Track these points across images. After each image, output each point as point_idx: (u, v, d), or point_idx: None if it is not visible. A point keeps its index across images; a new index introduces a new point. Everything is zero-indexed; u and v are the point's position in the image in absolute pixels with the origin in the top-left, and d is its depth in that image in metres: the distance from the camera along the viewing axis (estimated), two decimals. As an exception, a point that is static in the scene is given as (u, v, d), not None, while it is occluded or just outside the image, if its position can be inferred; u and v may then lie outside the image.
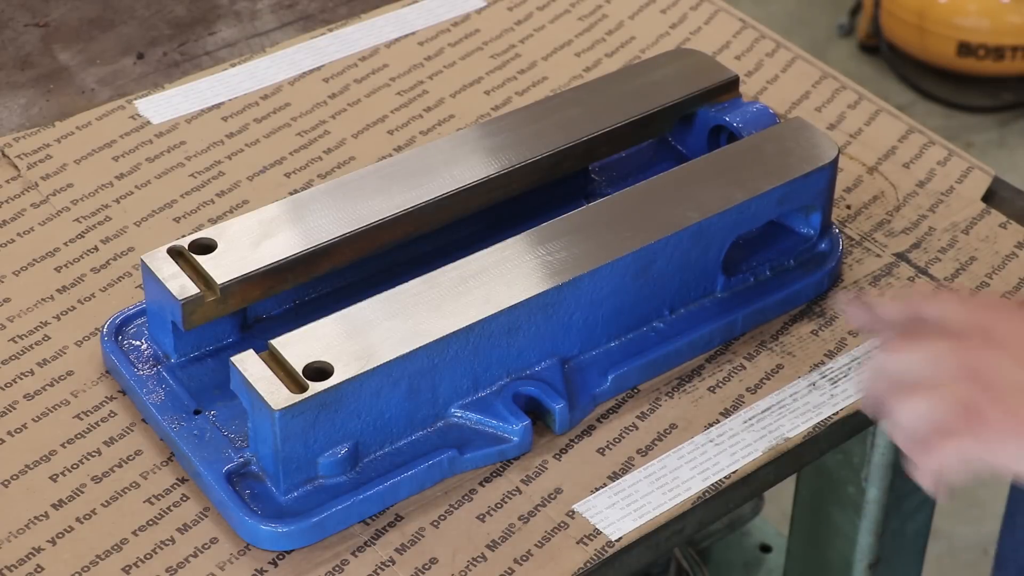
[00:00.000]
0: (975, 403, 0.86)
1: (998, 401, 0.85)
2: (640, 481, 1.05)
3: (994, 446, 0.85)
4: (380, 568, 0.99)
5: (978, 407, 0.86)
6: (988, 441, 0.86)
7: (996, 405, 0.85)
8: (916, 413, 0.88)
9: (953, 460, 0.87)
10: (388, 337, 1.01)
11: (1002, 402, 0.85)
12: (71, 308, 1.16)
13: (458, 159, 1.17)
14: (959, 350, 0.88)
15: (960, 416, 0.86)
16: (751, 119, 1.23)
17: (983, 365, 0.87)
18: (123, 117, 1.35)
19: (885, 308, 0.94)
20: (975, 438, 0.86)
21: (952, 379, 0.87)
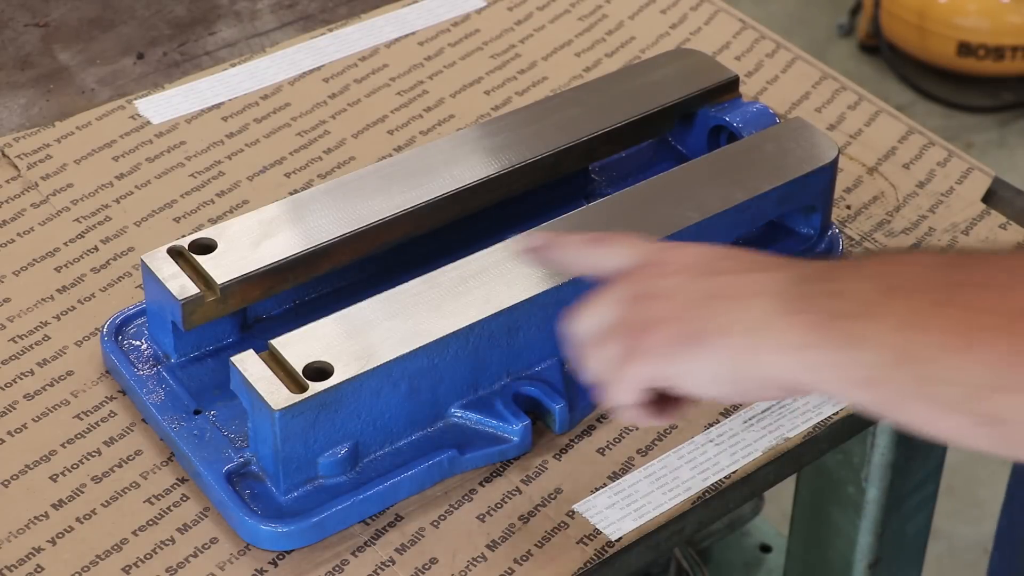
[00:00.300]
0: (645, 322, 0.85)
1: (669, 316, 0.85)
2: (640, 481, 1.05)
3: (669, 361, 0.84)
4: (380, 568, 0.99)
5: (647, 324, 0.85)
6: (662, 356, 0.84)
7: (667, 320, 0.85)
8: (596, 352, 0.88)
9: (635, 385, 0.86)
10: (388, 337, 1.01)
11: (673, 316, 0.85)
12: (71, 308, 1.16)
13: (458, 159, 1.17)
14: (631, 282, 0.88)
15: (633, 338, 0.86)
16: (751, 119, 1.23)
17: (654, 289, 0.87)
18: (123, 117, 1.35)
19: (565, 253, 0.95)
20: (648, 356, 0.85)
21: (626, 308, 0.87)
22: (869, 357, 0.78)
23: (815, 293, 0.81)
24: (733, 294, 0.84)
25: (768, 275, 0.84)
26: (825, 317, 0.79)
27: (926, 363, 0.76)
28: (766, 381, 0.83)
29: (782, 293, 0.82)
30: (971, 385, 0.74)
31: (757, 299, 0.82)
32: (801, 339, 0.80)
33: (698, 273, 0.86)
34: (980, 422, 0.75)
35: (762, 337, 0.81)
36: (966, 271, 0.77)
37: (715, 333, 0.83)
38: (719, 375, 0.83)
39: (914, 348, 0.76)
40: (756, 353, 0.82)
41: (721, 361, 0.83)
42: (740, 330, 0.82)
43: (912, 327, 0.76)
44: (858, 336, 0.78)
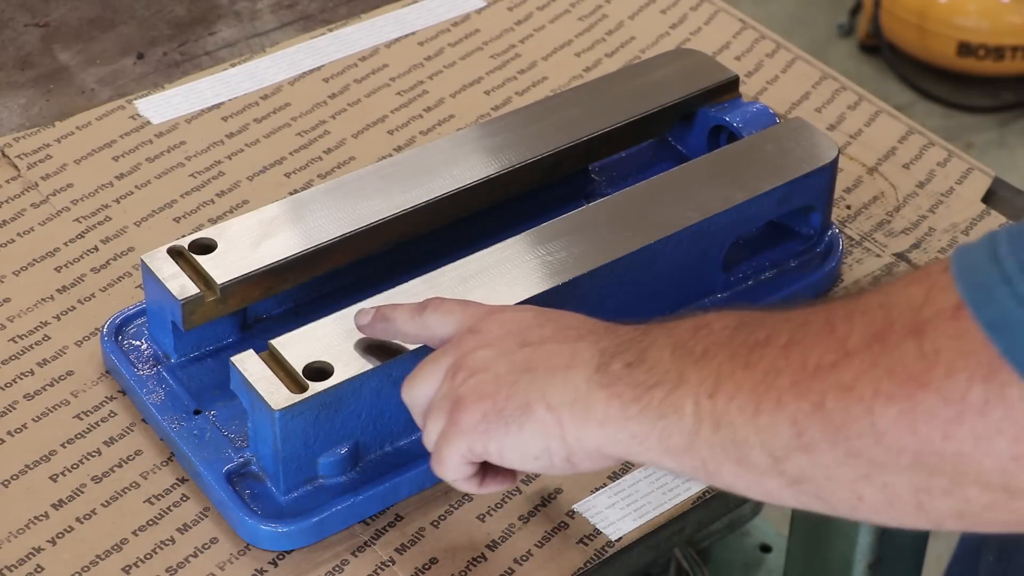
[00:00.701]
0: (460, 397, 0.87)
1: (484, 390, 0.86)
2: (640, 481, 1.05)
3: (486, 437, 0.86)
4: (380, 568, 0.99)
5: (461, 400, 0.87)
6: (478, 433, 0.86)
7: (481, 395, 0.86)
8: (423, 424, 0.91)
9: (454, 461, 0.88)
10: (388, 337, 1.01)
11: (488, 391, 0.86)
12: (71, 308, 1.16)
13: (458, 159, 1.17)
14: (449, 353, 0.90)
15: (449, 413, 0.88)
16: (751, 119, 1.23)
17: (470, 361, 0.88)
18: (123, 117, 1.35)
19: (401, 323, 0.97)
20: (463, 434, 0.87)
21: (445, 381, 0.89)
22: (684, 425, 0.78)
23: (623, 365, 0.82)
24: (549, 367, 0.85)
25: (582, 345, 0.85)
26: (638, 390, 0.80)
27: (735, 428, 0.76)
28: (594, 453, 0.84)
29: (596, 366, 0.83)
30: (773, 447, 0.75)
31: (573, 372, 0.84)
32: (618, 412, 0.81)
33: (513, 344, 0.87)
34: (787, 483, 0.76)
35: (581, 411, 0.83)
36: (765, 329, 0.77)
37: (536, 407, 0.84)
38: (549, 449, 0.84)
39: (723, 413, 0.77)
40: (579, 427, 0.83)
41: (549, 435, 0.84)
42: (560, 403, 0.83)
43: (720, 392, 0.77)
44: (671, 405, 0.79)
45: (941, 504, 0.71)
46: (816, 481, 0.74)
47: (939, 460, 0.70)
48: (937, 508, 0.72)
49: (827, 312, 0.75)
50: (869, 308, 0.73)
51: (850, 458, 0.72)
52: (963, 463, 0.69)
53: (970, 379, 0.68)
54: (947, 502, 0.71)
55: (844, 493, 0.74)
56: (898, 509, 0.73)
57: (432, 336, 0.95)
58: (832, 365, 0.73)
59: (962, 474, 0.70)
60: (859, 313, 0.74)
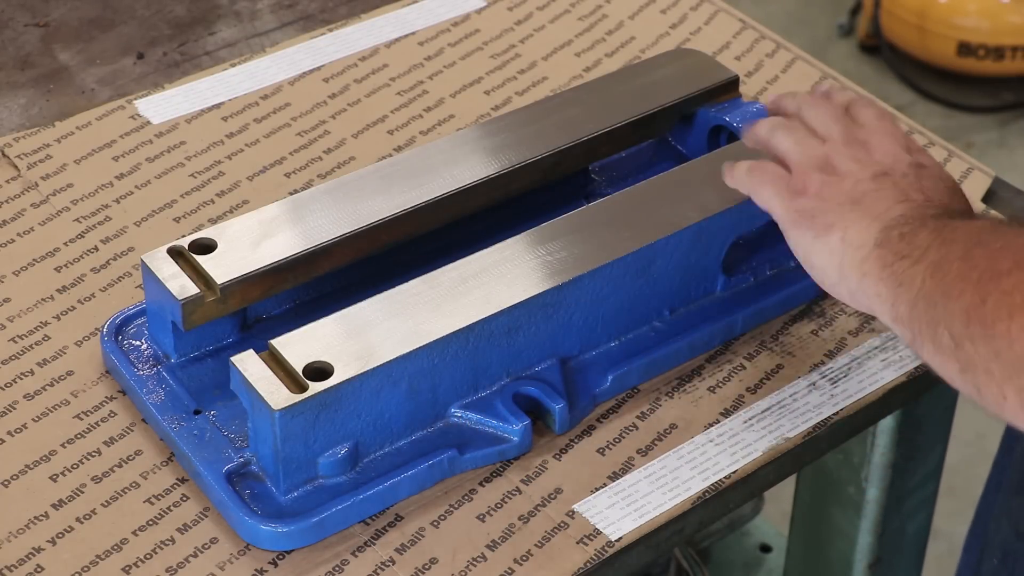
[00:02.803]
0: (805, 185, 0.99)
1: (824, 194, 0.98)
2: (640, 481, 1.05)
3: (794, 224, 0.99)
4: (380, 568, 0.99)
5: (805, 188, 0.99)
6: (795, 216, 0.99)
7: (820, 196, 0.98)
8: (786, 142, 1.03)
9: (764, 197, 1.02)
10: (388, 337, 1.01)
11: (825, 197, 0.98)
12: (71, 308, 1.16)
13: (458, 159, 1.17)
14: (836, 141, 1.01)
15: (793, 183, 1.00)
16: (751, 119, 1.22)
17: (836, 164, 1.00)
18: (123, 117, 1.35)
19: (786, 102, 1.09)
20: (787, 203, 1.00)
21: (808, 161, 1.01)
22: (910, 296, 0.90)
23: (899, 233, 0.93)
24: (868, 210, 0.96)
25: (900, 206, 0.96)
26: (894, 256, 0.92)
27: (936, 308, 0.87)
28: (850, 293, 0.96)
29: (888, 226, 0.94)
30: (953, 331, 0.85)
31: (876, 223, 0.95)
32: (876, 269, 0.93)
33: (873, 171, 0.99)
34: (960, 369, 0.86)
35: (859, 256, 0.95)
36: (999, 232, 0.88)
37: (835, 233, 0.96)
38: (825, 266, 0.97)
39: (933, 292, 0.88)
40: (851, 267, 0.95)
41: (830, 258, 0.97)
42: (851, 242, 0.95)
43: (937, 274, 0.88)
44: (908, 276, 0.91)
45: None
46: (976, 372, 0.84)
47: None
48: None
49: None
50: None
51: (995, 357, 0.82)
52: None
53: None
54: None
55: (994, 389, 0.83)
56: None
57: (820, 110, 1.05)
58: (1007, 272, 0.83)
59: None
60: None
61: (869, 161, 1.00)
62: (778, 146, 1.03)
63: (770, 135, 1.05)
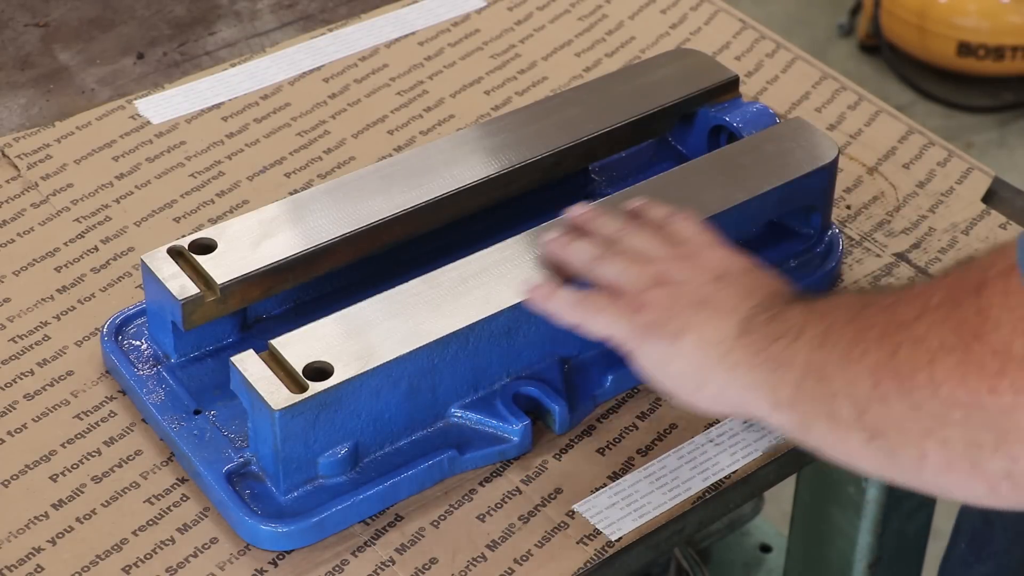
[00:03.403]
0: (642, 302, 0.95)
1: (664, 304, 0.95)
2: (640, 481, 1.05)
3: (642, 341, 0.95)
4: (380, 568, 0.99)
5: (644, 304, 0.95)
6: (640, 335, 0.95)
7: (660, 307, 0.95)
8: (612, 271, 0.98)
9: (604, 329, 0.97)
10: (388, 337, 1.01)
11: (666, 306, 0.94)
12: (71, 308, 1.16)
13: (458, 159, 1.17)
14: (661, 260, 0.98)
15: (629, 305, 0.96)
16: (751, 119, 1.23)
17: (671, 275, 0.96)
18: (123, 117, 1.35)
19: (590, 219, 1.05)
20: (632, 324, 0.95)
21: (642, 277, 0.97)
22: (792, 377, 0.86)
23: (766, 318, 0.90)
24: (717, 307, 0.93)
25: (751, 299, 0.93)
26: (766, 341, 0.88)
27: (830, 380, 0.82)
28: (716, 394, 0.92)
29: (747, 316, 0.91)
30: (856, 397, 0.80)
31: (730, 316, 0.92)
32: (747, 358, 0.89)
33: (710, 278, 0.95)
34: (867, 438, 0.80)
35: (721, 352, 0.91)
36: (882, 293, 0.84)
37: (689, 336, 0.92)
38: (684, 374, 0.93)
39: (824, 365, 0.84)
40: (714, 365, 0.91)
41: (688, 363, 0.92)
42: (708, 341, 0.91)
43: (825, 345, 0.84)
44: (787, 357, 0.86)
45: (992, 463, 0.75)
46: (888, 435, 0.79)
47: (985, 415, 0.74)
48: (989, 467, 0.76)
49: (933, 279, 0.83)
50: (955, 270, 0.81)
51: (914, 411, 0.77)
52: (1007, 419, 0.74)
53: (1012, 332, 0.74)
54: (997, 461, 0.75)
55: (911, 450, 0.78)
56: (956, 470, 0.77)
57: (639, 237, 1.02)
58: (914, 320, 0.79)
59: (1006, 430, 0.74)
60: (947, 275, 0.81)
61: (703, 269, 0.97)
62: (603, 276, 0.99)
63: (591, 267, 1.00)
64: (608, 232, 1.03)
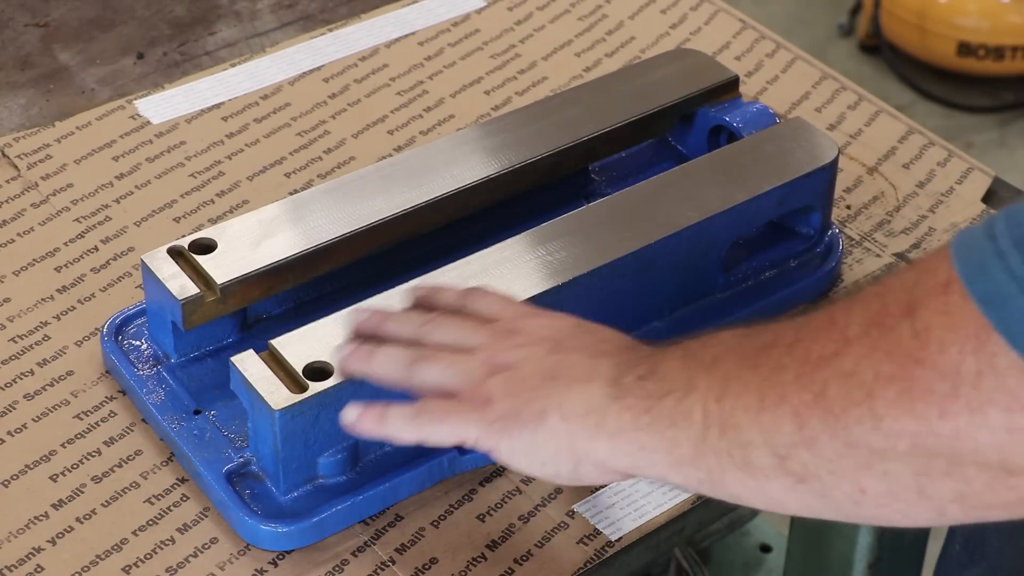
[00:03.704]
0: (488, 394, 0.88)
1: (509, 392, 0.87)
2: (640, 481, 1.05)
3: (503, 435, 0.87)
4: (380, 568, 0.99)
5: (489, 398, 0.87)
6: (498, 430, 0.87)
7: (506, 395, 0.87)
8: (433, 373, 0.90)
9: (458, 437, 0.89)
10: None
11: (512, 392, 0.87)
12: (71, 308, 1.16)
13: (458, 159, 1.17)
14: (484, 347, 0.90)
15: (475, 404, 0.88)
16: (751, 119, 1.23)
17: (503, 359, 0.89)
18: (123, 117, 1.35)
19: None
20: (483, 422, 0.87)
21: (476, 374, 0.89)
22: (693, 432, 0.80)
23: (636, 377, 0.83)
24: (571, 377, 0.86)
25: (604, 360, 0.86)
26: (649, 400, 0.82)
27: (741, 429, 0.77)
28: (600, 465, 0.85)
29: (612, 379, 0.84)
30: (776, 444, 0.76)
31: (591, 385, 0.85)
32: (630, 423, 0.82)
33: (545, 349, 0.88)
34: (792, 483, 0.76)
35: (594, 422, 0.84)
36: (771, 333, 0.79)
37: (552, 416, 0.85)
38: (557, 457, 0.86)
39: (730, 415, 0.78)
40: (590, 438, 0.84)
41: (559, 444, 0.85)
42: (574, 414, 0.84)
43: (727, 395, 0.78)
44: (681, 413, 0.80)
45: (941, 487, 0.72)
46: (819, 477, 0.75)
47: (936, 440, 0.71)
48: (938, 492, 0.72)
49: (829, 309, 0.77)
50: (866, 298, 0.75)
51: (850, 448, 0.73)
52: (960, 440, 0.70)
53: (961, 351, 0.69)
54: (947, 484, 0.72)
55: (847, 487, 0.74)
56: (900, 499, 0.73)
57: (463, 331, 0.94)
58: (834, 354, 0.74)
59: (959, 453, 0.70)
60: (857, 304, 0.75)
61: (532, 341, 0.89)
62: (427, 381, 0.91)
63: (410, 375, 0.91)
64: (407, 333, 0.94)
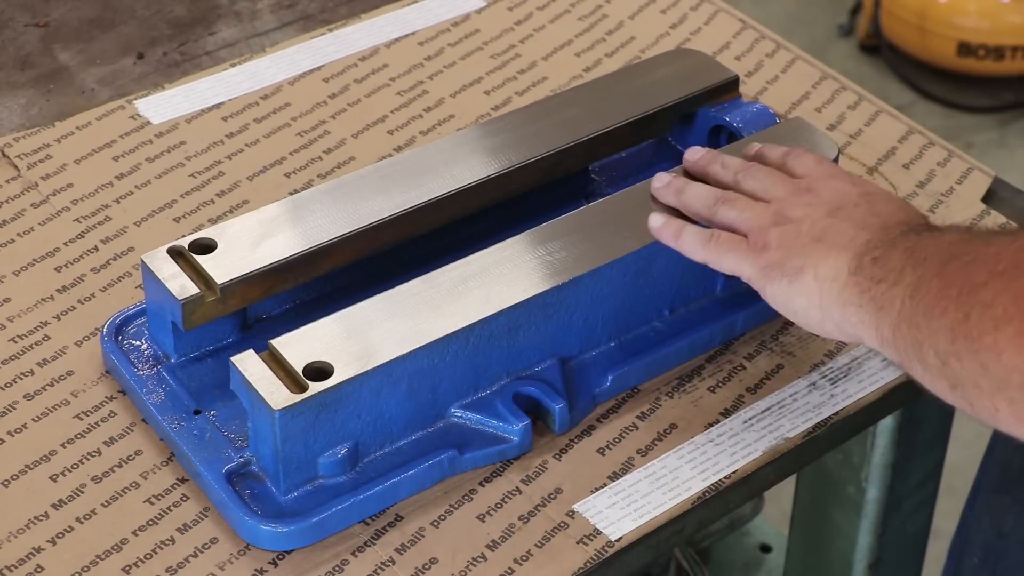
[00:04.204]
0: (766, 241, 1.00)
1: (782, 243, 0.99)
2: (640, 481, 1.05)
3: (767, 279, 0.99)
4: (380, 568, 0.99)
5: (767, 244, 1.00)
6: (765, 270, 0.99)
7: (779, 246, 0.99)
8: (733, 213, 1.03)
9: (731, 266, 1.02)
10: (388, 337, 1.01)
11: (784, 245, 0.99)
12: (71, 308, 1.16)
13: (458, 159, 1.17)
14: (782, 199, 1.03)
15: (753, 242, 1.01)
16: (751, 119, 1.23)
17: (789, 212, 1.01)
18: (123, 117, 1.35)
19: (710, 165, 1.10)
20: (755, 263, 1.00)
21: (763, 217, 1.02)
22: (891, 319, 0.91)
23: (871, 258, 0.94)
24: (832, 243, 0.97)
25: (863, 233, 0.97)
26: (870, 282, 0.93)
27: (919, 328, 0.88)
28: (836, 327, 0.97)
29: (857, 253, 0.96)
30: (938, 350, 0.86)
31: (843, 254, 0.96)
32: (855, 298, 0.94)
33: (825, 211, 1.00)
34: (949, 386, 0.86)
35: (835, 289, 0.96)
36: (970, 245, 0.88)
37: (807, 273, 0.97)
38: (807, 309, 0.98)
39: (914, 313, 0.88)
40: (830, 302, 0.96)
41: (809, 299, 0.97)
42: (824, 277, 0.96)
43: (916, 295, 0.89)
44: (887, 300, 0.91)
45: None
46: (965, 388, 0.84)
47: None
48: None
49: (1008, 237, 0.86)
50: (1022, 234, 0.85)
51: (983, 370, 0.82)
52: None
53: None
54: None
55: (986, 402, 0.83)
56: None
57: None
58: (983, 284, 0.84)
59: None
60: (1016, 238, 0.85)
61: (819, 202, 1.01)
62: (724, 220, 1.04)
63: (712, 212, 1.05)
64: (724, 178, 1.08)
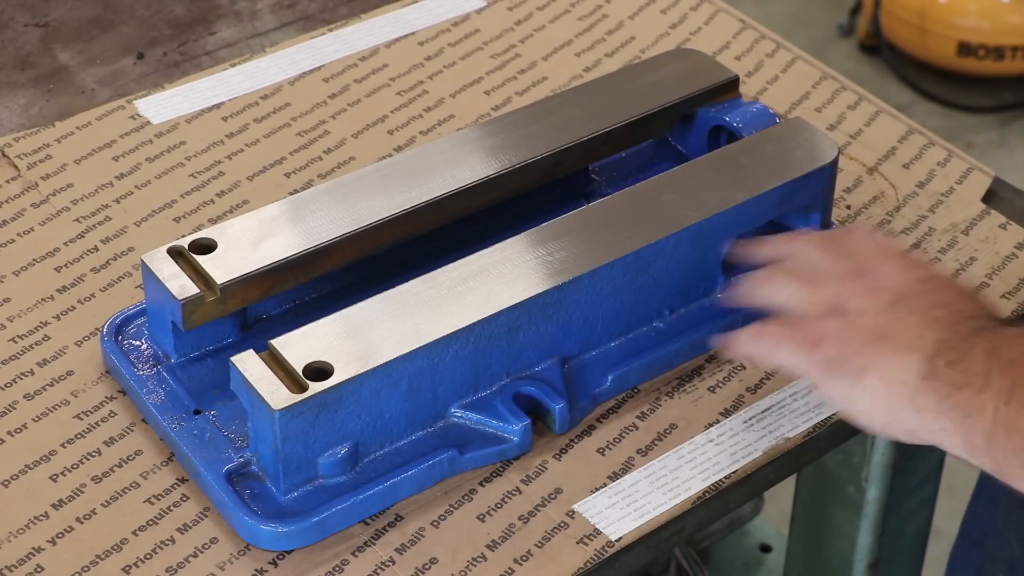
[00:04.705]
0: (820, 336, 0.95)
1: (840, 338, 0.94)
2: (640, 481, 1.05)
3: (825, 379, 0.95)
4: (380, 568, 0.99)
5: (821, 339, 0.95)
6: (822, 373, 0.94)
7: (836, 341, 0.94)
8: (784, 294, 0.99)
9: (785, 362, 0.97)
10: (388, 337, 1.01)
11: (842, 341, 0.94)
12: (71, 308, 1.16)
13: (458, 159, 1.17)
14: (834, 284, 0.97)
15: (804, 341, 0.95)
16: (751, 119, 1.23)
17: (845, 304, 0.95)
18: (123, 117, 1.35)
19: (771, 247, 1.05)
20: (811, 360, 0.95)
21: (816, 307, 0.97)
22: (984, 427, 0.86)
23: (946, 362, 0.89)
24: (897, 343, 0.92)
25: (930, 332, 0.91)
26: (951, 387, 0.88)
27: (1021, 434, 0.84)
28: (907, 432, 0.92)
29: (928, 356, 0.90)
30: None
31: (912, 355, 0.91)
32: (934, 405, 0.89)
33: (886, 301, 0.94)
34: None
35: (907, 394, 0.90)
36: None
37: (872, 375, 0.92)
38: (871, 412, 0.93)
39: (1015, 420, 0.85)
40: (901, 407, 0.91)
41: (875, 402, 0.92)
42: (892, 380, 0.91)
43: (1014, 400, 0.85)
44: (976, 407, 0.87)
45: None
46: None
47: None
48: None
49: None
50: None
51: None
52: None
53: None
54: None
55: None
56: None
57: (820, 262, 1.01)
58: None
59: None
60: None
61: (878, 290, 0.95)
62: (774, 300, 1.00)
63: (763, 291, 1.01)
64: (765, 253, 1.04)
